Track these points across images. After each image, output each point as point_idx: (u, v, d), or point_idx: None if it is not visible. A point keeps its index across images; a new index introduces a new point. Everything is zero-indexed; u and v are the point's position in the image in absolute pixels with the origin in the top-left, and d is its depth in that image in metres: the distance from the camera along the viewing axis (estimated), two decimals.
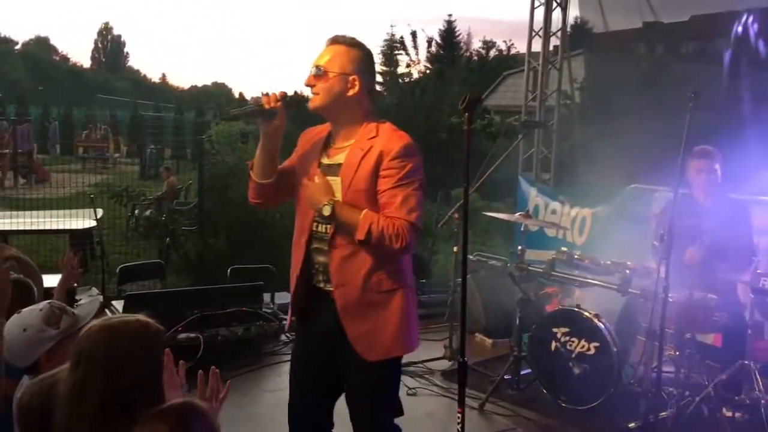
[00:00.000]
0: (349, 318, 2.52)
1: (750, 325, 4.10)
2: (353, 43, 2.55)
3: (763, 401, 3.86)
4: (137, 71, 69.55)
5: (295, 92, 2.64)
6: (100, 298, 5.16)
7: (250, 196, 2.73)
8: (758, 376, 3.93)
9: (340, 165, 2.54)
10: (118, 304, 5.08)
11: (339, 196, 2.49)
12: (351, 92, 2.51)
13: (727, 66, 6.42)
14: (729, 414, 3.95)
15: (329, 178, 2.53)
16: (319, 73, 2.50)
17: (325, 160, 2.59)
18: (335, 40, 2.55)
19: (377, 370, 2.55)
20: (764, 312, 4.75)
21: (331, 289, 2.55)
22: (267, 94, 2.51)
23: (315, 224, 2.58)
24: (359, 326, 2.52)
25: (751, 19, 6.21)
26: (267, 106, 2.49)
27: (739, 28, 6.40)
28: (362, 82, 2.52)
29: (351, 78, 2.50)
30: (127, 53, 69.84)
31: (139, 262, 7.22)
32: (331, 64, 2.50)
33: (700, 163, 4.26)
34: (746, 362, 3.99)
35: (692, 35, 7.36)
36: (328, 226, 2.53)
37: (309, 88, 2.54)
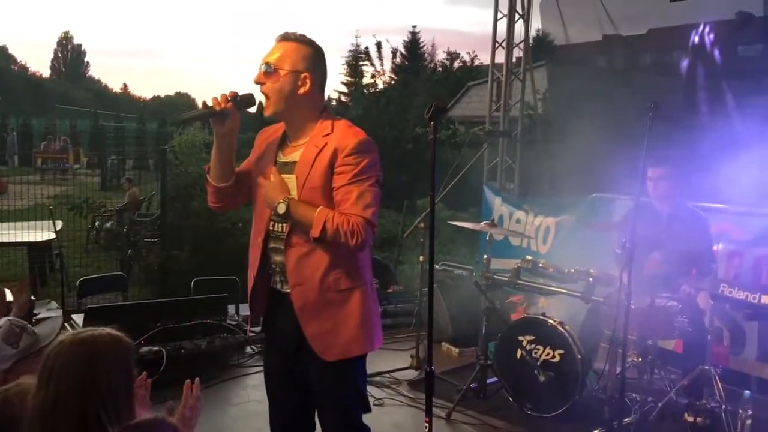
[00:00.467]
0: (307, 318, 2.49)
1: (710, 331, 4.18)
2: (303, 40, 2.52)
3: (723, 406, 3.93)
4: (98, 81, 68.59)
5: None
6: (61, 314, 5.05)
7: (209, 200, 2.70)
8: (718, 381, 4.00)
9: (295, 163, 2.52)
10: (78, 318, 4.98)
11: (294, 194, 2.47)
12: (302, 90, 2.48)
13: (685, 74, 6.59)
14: (691, 419, 4.00)
15: (285, 176, 2.51)
16: (270, 71, 2.46)
17: (281, 159, 2.58)
18: (285, 37, 2.52)
19: (338, 369, 2.53)
20: (723, 318, 4.86)
21: (289, 290, 2.53)
22: (211, 107, 2.48)
23: (271, 223, 2.56)
24: (317, 326, 2.49)
25: (707, 29, 6.38)
26: (218, 108, 2.46)
27: (696, 38, 6.57)
28: (313, 79, 2.50)
29: (302, 75, 2.48)
30: (88, 63, 68.77)
31: (100, 274, 7.08)
32: (281, 61, 2.47)
33: (654, 171, 4.35)
34: (706, 367, 4.06)
35: (651, 48, 7.52)
36: (285, 224, 2.50)
37: (258, 86, 2.52)
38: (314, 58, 2.52)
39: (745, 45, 6.63)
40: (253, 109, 2.77)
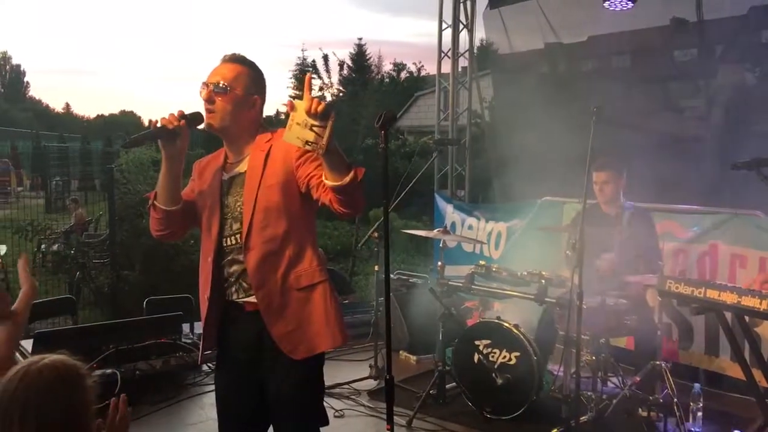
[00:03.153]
0: (273, 319, 2.49)
1: (659, 327, 4.30)
2: (250, 63, 2.58)
3: (675, 399, 4.04)
4: (39, 101, 66.93)
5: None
6: None
7: (153, 228, 2.67)
8: (669, 376, 4.11)
9: (240, 174, 2.55)
10: (27, 344, 4.84)
11: (243, 200, 2.50)
12: (252, 111, 2.56)
13: (625, 79, 6.82)
14: (644, 413, 4.11)
15: (234, 188, 2.55)
16: (220, 90, 2.48)
17: (225, 176, 2.60)
18: (234, 59, 2.56)
19: (302, 372, 2.53)
20: (671, 314, 5.01)
21: (245, 300, 2.53)
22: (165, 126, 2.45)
23: (224, 239, 2.57)
24: (284, 326, 2.50)
25: (644, 35, 6.63)
26: (170, 126, 2.43)
27: (634, 44, 6.82)
28: (261, 102, 2.59)
29: (254, 97, 2.55)
30: (28, 83, 67.06)
31: (48, 298, 6.89)
32: (233, 82, 2.50)
33: (599, 176, 4.50)
34: (657, 363, 4.17)
35: (591, 54, 7.74)
36: (239, 236, 2.52)
37: (204, 102, 2.51)
38: (261, 81, 2.60)
39: (680, 50, 6.86)
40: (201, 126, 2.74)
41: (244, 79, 2.52)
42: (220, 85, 2.48)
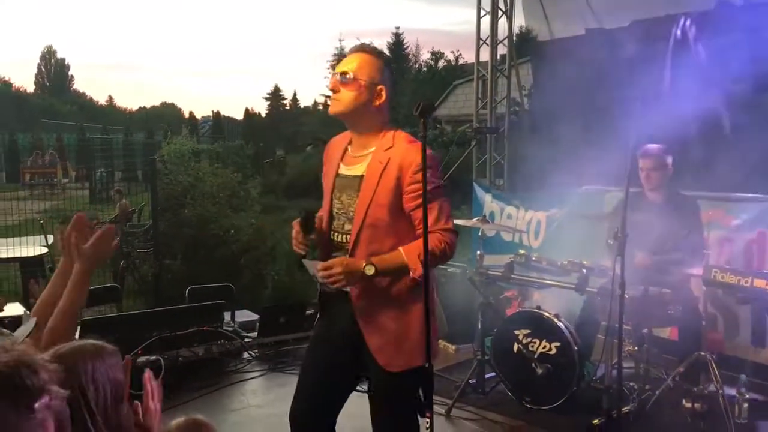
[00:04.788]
0: (370, 330, 2.52)
1: (704, 318, 4.21)
2: (380, 53, 2.58)
3: (720, 391, 3.96)
4: (83, 94, 68.39)
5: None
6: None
7: None
8: (714, 367, 4.03)
9: (357, 177, 2.55)
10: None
11: (355, 210, 2.51)
12: (378, 102, 2.53)
13: (669, 64, 6.65)
14: (689, 405, 4.04)
15: (350, 190, 2.55)
16: (346, 80, 2.50)
17: (342, 170, 2.62)
18: (362, 48, 2.57)
19: (399, 378, 2.54)
20: (717, 304, 4.91)
21: (348, 290, 2.54)
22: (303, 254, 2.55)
23: (333, 233, 2.60)
24: (379, 338, 2.52)
25: (688, 22, 6.44)
26: (302, 251, 2.55)
27: (678, 32, 6.64)
28: (388, 93, 2.55)
29: (378, 87, 2.52)
30: (72, 76, 68.50)
31: (94, 286, 7.06)
32: (360, 71, 2.50)
33: (644, 162, 4.41)
34: (702, 354, 4.08)
35: (634, 40, 7.59)
36: (348, 236, 2.54)
37: (332, 93, 2.55)
38: (388, 72, 2.58)
39: (726, 34, 6.68)
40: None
41: (369, 68, 2.52)
42: (346, 74, 2.50)
